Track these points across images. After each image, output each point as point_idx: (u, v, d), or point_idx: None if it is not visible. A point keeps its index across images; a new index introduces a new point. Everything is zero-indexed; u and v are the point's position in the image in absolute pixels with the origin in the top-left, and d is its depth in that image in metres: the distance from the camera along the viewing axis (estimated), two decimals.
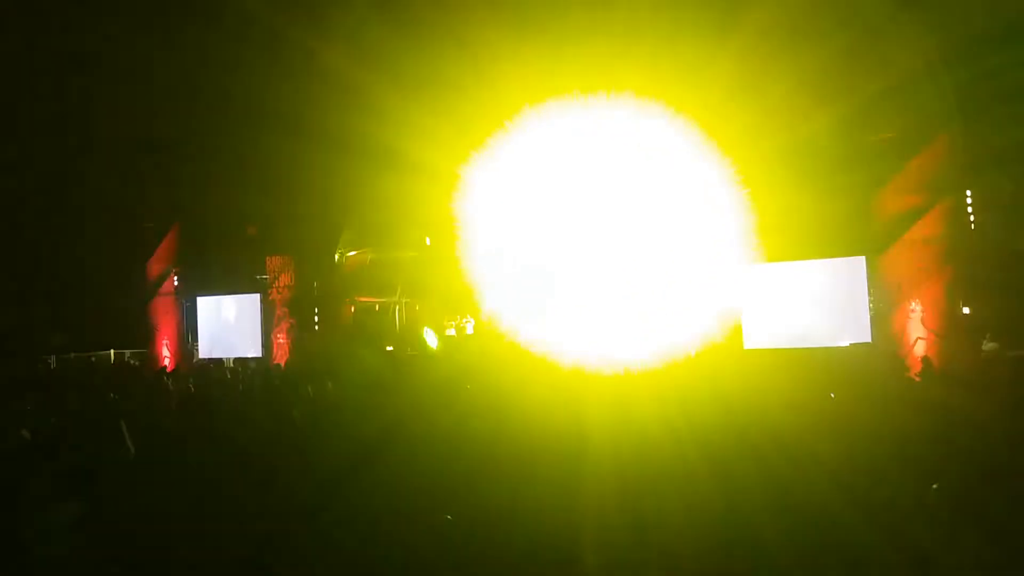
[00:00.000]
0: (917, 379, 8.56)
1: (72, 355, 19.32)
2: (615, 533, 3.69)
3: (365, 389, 7.66)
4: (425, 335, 19.53)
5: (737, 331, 13.25)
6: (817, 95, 10.84)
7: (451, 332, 20.18)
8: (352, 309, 18.89)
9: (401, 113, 11.45)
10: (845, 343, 12.40)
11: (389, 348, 18.75)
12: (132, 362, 17.94)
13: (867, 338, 12.41)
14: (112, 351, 19.47)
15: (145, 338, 18.34)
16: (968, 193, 11.82)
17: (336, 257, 18.08)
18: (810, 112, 11.05)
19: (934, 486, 4.16)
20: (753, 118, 11.03)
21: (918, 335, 11.45)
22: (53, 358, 18.70)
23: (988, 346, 11.42)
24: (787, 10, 9.94)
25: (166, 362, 17.10)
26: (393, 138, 11.76)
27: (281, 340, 17.19)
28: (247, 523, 3.69)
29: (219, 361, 16.90)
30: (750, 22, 9.74)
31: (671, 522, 3.66)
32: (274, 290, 17.27)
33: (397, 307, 21.48)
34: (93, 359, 18.74)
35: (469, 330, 19.71)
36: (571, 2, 10.56)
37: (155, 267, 18.18)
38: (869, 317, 12.56)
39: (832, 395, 9.48)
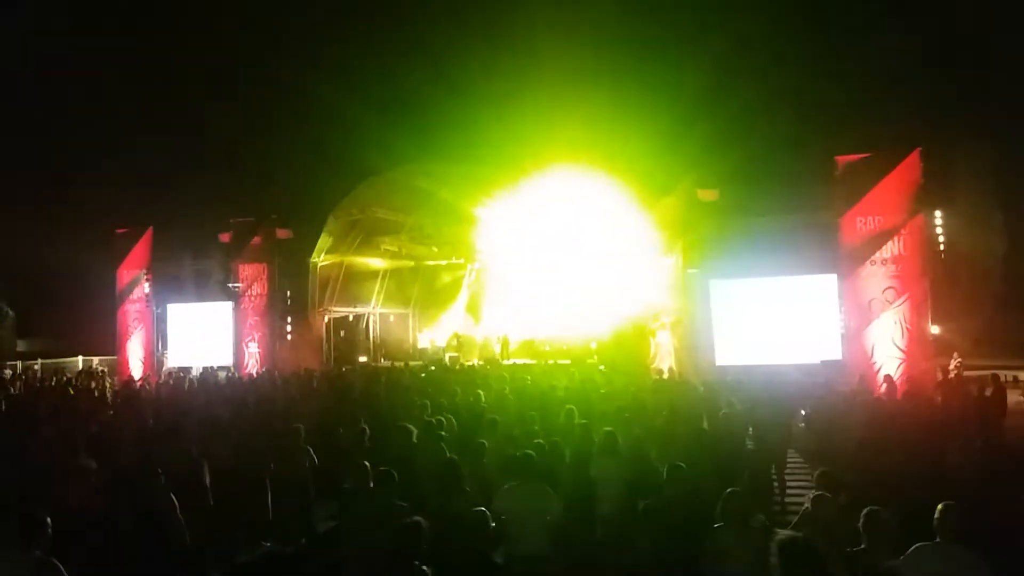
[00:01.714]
0: (882, 397, 8.53)
1: (39, 361, 18.94)
2: None
3: None
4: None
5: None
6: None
7: (425, 345, 20.05)
8: (325, 319, 18.68)
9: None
10: (816, 360, 12.40)
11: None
12: (100, 369, 17.58)
13: (838, 356, 12.41)
14: (80, 358, 19.11)
15: (113, 345, 18.01)
16: (937, 213, 11.88)
17: (309, 267, 17.90)
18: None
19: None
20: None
21: (888, 353, 11.43)
22: (19, 364, 18.32)
23: (955, 363, 11.44)
24: None
25: (134, 371, 16.76)
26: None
27: (253, 349, 16.93)
28: None
29: (187, 369, 16.58)
30: None
31: None
32: (246, 299, 17.03)
33: (371, 318, 21.33)
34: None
35: (439, 342, 19.59)
36: None
37: (126, 273, 17.85)
38: (840, 335, 12.57)
39: (803, 412, 9.45)
